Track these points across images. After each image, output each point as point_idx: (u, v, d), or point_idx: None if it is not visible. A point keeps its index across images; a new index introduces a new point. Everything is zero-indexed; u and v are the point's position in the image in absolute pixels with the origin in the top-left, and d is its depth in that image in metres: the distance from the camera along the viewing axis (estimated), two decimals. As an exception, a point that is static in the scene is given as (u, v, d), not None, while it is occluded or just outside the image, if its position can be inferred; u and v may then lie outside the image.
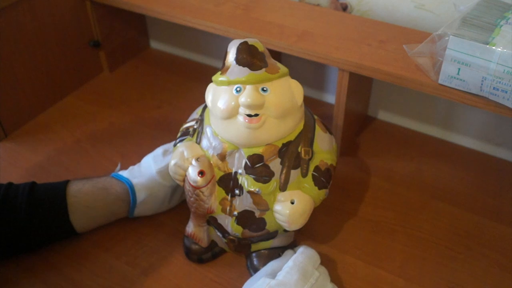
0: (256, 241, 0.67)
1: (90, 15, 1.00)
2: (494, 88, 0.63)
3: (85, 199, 0.70)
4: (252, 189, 0.61)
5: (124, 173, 0.74)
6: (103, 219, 0.73)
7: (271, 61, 0.62)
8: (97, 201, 0.71)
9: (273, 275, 0.62)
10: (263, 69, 0.60)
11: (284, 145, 0.61)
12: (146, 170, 0.73)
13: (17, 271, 0.70)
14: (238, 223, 0.64)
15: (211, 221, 0.67)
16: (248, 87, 0.58)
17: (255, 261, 0.68)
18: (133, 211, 0.73)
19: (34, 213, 0.67)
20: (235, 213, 0.63)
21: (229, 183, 0.63)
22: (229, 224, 0.64)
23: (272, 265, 0.65)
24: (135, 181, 0.72)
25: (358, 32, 0.80)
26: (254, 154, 0.61)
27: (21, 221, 0.67)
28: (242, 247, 0.68)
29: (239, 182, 0.62)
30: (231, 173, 0.63)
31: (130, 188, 0.71)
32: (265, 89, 0.59)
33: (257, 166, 0.61)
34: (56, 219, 0.69)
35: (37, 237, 0.69)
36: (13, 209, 0.67)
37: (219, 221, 0.65)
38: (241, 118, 0.59)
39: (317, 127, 0.65)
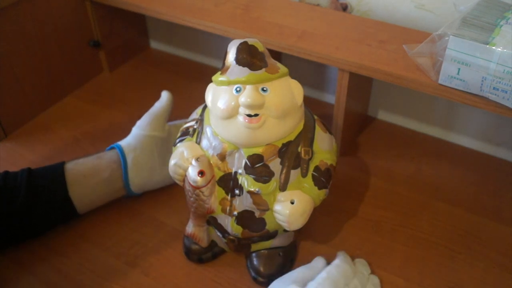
0: (256, 241, 0.67)
1: (90, 15, 1.00)
2: (494, 88, 0.63)
3: (81, 169, 0.73)
4: (252, 189, 0.61)
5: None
6: (101, 190, 0.74)
7: (271, 61, 0.62)
8: (92, 169, 0.73)
9: (302, 283, 0.61)
10: (263, 69, 0.60)
11: (284, 145, 0.61)
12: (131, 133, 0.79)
13: (16, 271, 0.70)
14: (238, 223, 0.64)
15: (211, 221, 0.67)
16: (248, 87, 0.58)
17: (255, 261, 0.68)
18: (126, 175, 0.75)
19: (33, 192, 0.69)
20: (235, 213, 0.63)
21: (229, 183, 0.63)
22: (229, 224, 0.64)
23: (302, 272, 0.64)
24: (121, 142, 0.77)
25: (358, 32, 0.80)
26: (254, 154, 0.60)
27: (20, 203, 0.68)
28: (242, 247, 0.68)
29: (239, 182, 0.62)
30: (231, 173, 0.62)
31: (118, 149, 0.75)
32: (265, 89, 0.59)
33: (257, 166, 0.61)
34: (55, 195, 0.71)
35: (36, 219, 0.70)
36: (12, 193, 0.68)
37: (219, 221, 0.65)
38: (241, 118, 0.58)
39: (317, 127, 0.65)
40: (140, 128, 0.78)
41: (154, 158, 0.77)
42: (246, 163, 0.61)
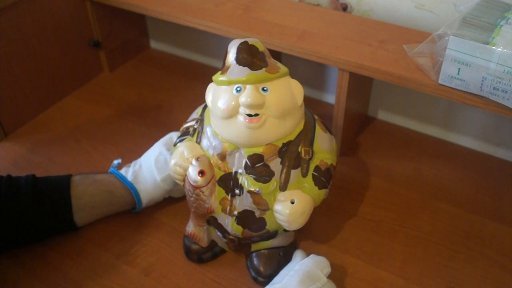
0: (256, 241, 0.67)
1: (90, 15, 1.00)
2: (494, 88, 0.63)
3: (90, 200, 0.72)
4: (252, 189, 0.61)
5: (128, 174, 0.74)
6: (105, 216, 0.76)
7: (271, 61, 0.62)
8: (101, 203, 0.73)
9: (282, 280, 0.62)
10: (263, 69, 0.60)
11: (284, 145, 0.61)
12: (150, 176, 0.74)
13: (17, 271, 0.70)
14: (238, 223, 0.64)
15: (211, 221, 0.67)
16: (248, 87, 0.58)
17: (255, 261, 0.68)
18: (135, 211, 0.76)
19: (38, 209, 0.69)
20: (235, 213, 0.63)
21: (229, 183, 0.63)
22: (229, 224, 0.64)
23: (282, 273, 0.65)
24: (140, 187, 0.74)
25: (358, 32, 0.80)
26: (254, 154, 0.61)
27: (24, 216, 0.68)
28: (242, 247, 0.68)
29: (239, 182, 0.62)
30: (231, 173, 0.63)
31: (135, 195, 0.74)
32: (265, 88, 0.59)
33: (257, 166, 0.61)
34: (60, 218, 0.71)
35: (37, 232, 0.71)
36: (16, 202, 0.68)
37: (219, 221, 0.65)
38: (241, 118, 0.59)
39: (317, 127, 0.65)
40: (165, 183, 0.74)
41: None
42: (246, 163, 0.61)
